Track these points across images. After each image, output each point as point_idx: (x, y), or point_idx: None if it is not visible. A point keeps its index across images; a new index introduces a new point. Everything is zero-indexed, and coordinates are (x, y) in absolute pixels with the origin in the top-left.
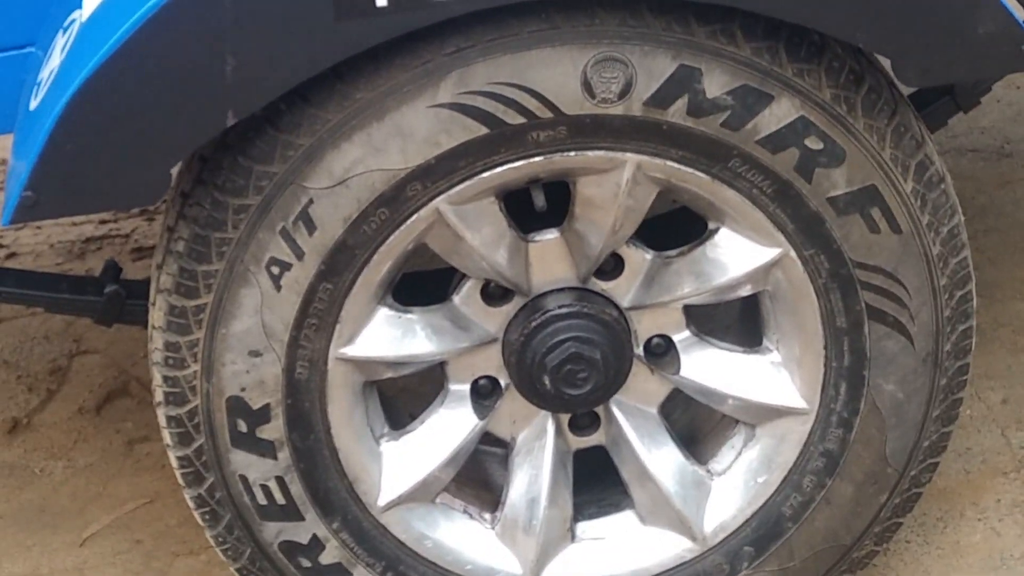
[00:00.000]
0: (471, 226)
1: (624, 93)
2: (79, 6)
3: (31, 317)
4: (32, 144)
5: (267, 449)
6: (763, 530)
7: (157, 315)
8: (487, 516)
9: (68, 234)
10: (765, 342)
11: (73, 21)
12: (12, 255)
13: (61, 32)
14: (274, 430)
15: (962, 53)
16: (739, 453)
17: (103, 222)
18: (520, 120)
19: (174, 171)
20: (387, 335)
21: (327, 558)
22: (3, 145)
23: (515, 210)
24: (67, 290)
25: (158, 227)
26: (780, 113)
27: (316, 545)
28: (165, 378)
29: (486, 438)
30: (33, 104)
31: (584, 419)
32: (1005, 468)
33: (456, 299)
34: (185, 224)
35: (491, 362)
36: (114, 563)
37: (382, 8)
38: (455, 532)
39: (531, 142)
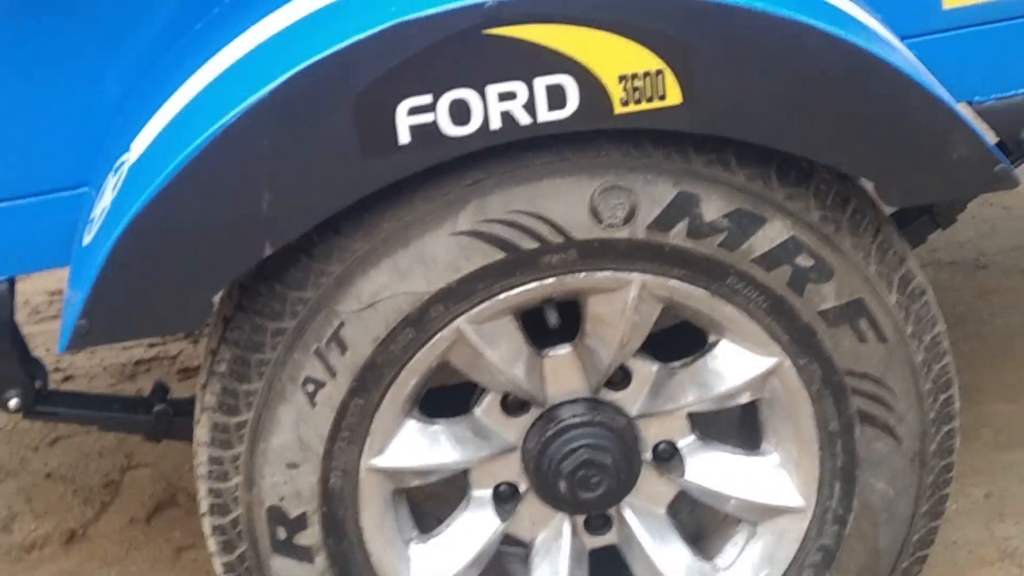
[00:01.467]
0: (490, 343)
1: (629, 218)
2: (127, 149)
3: (86, 435)
4: (86, 277)
5: (305, 555)
6: None
7: (201, 431)
8: None
9: (119, 357)
10: (764, 445)
11: (122, 163)
12: (68, 378)
13: (112, 173)
14: (311, 536)
15: (939, 176)
16: (742, 549)
17: (152, 345)
18: (534, 245)
19: (216, 299)
20: (414, 445)
21: None
22: (59, 276)
23: (530, 327)
24: (119, 409)
25: (202, 350)
26: (773, 234)
27: None
28: (210, 490)
29: (507, 539)
30: (87, 240)
31: (598, 520)
32: (990, 559)
33: (477, 411)
34: (227, 347)
35: (511, 469)
36: None
37: (405, 146)
38: None
39: (544, 265)
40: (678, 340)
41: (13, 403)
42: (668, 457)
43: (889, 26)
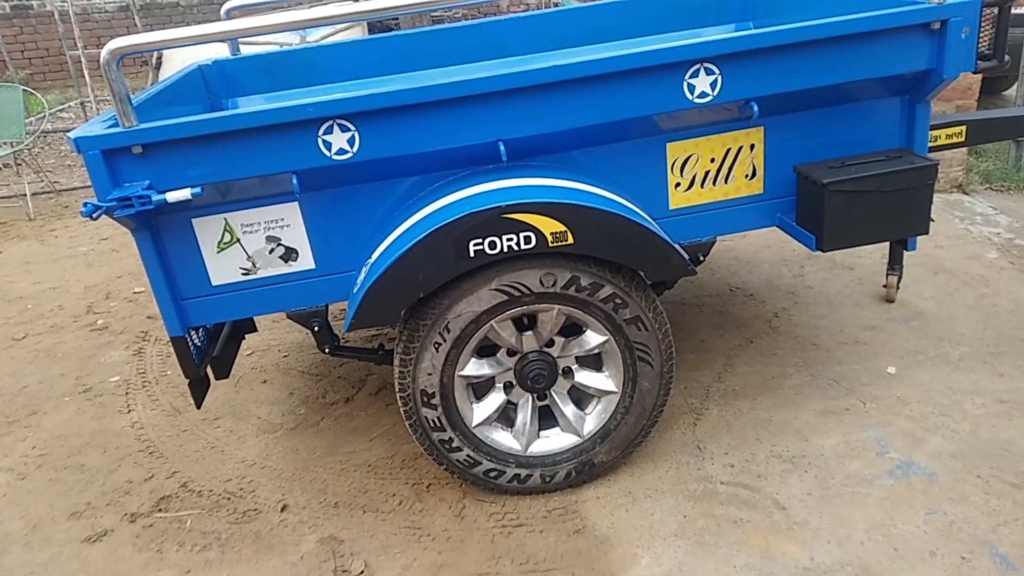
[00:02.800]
0: (503, 330)
1: (553, 284)
2: (371, 255)
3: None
4: (351, 308)
5: (433, 406)
6: (603, 431)
7: (397, 361)
8: (508, 428)
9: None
10: (603, 368)
11: (369, 262)
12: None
13: (364, 266)
14: (436, 399)
15: (666, 271)
16: (595, 407)
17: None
18: (517, 294)
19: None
20: (475, 366)
21: None
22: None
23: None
24: (366, 353)
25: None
26: (605, 291)
27: None
28: (399, 383)
29: (508, 404)
30: (355, 290)
31: (542, 395)
32: (678, 412)
33: (498, 355)
34: (406, 330)
35: (510, 376)
36: None
37: (471, 257)
38: (501, 434)
39: (521, 302)
40: (570, 328)
41: (327, 350)
42: (567, 372)
43: (650, 214)
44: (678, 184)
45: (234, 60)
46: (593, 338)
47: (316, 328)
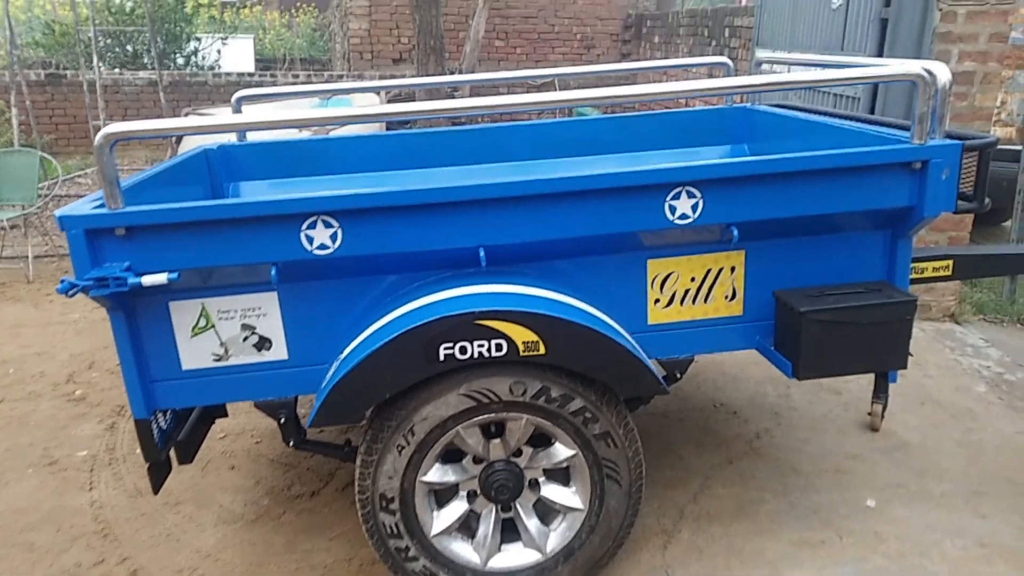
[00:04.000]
0: (469, 436)
1: (523, 394)
2: (342, 352)
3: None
4: (316, 403)
5: (391, 512)
6: (567, 550)
7: (360, 461)
8: (469, 539)
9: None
10: (571, 483)
11: (339, 358)
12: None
13: (336, 361)
14: (395, 505)
15: (640, 388)
16: (560, 523)
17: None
18: (486, 401)
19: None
20: (438, 473)
21: None
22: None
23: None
24: (330, 449)
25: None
26: (576, 404)
27: None
28: (359, 485)
29: (471, 513)
30: (323, 384)
31: (506, 507)
32: (652, 532)
33: (463, 461)
34: (371, 431)
35: (474, 484)
36: None
37: (441, 361)
38: (460, 546)
39: (490, 409)
40: (539, 438)
41: (291, 443)
42: (534, 484)
43: (628, 327)
44: (657, 300)
45: (239, 145)
46: (561, 451)
47: (282, 420)
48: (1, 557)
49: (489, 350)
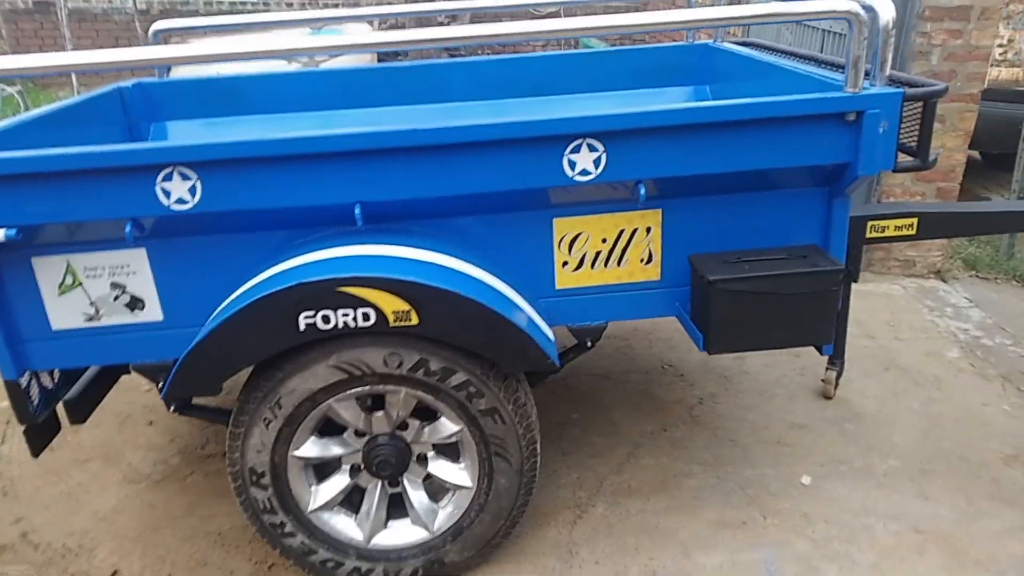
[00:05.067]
0: (345, 410)
1: (399, 366)
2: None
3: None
4: (172, 371)
5: (263, 486)
6: (455, 529)
7: (229, 433)
8: (354, 514)
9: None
10: (460, 459)
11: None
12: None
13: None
14: (266, 479)
15: (527, 363)
16: (449, 500)
17: None
18: (358, 373)
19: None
20: (314, 447)
21: None
22: None
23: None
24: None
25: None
26: (458, 378)
27: None
28: (230, 457)
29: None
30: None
31: (394, 482)
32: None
33: (345, 434)
34: (240, 400)
35: (358, 458)
36: None
37: (303, 331)
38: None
39: (364, 382)
40: (426, 411)
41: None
42: (422, 460)
43: (534, 291)
44: (565, 263)
45: (160, 83)
46: (447, 426)
47: (160, 384)
48: None
49: (355, 319)
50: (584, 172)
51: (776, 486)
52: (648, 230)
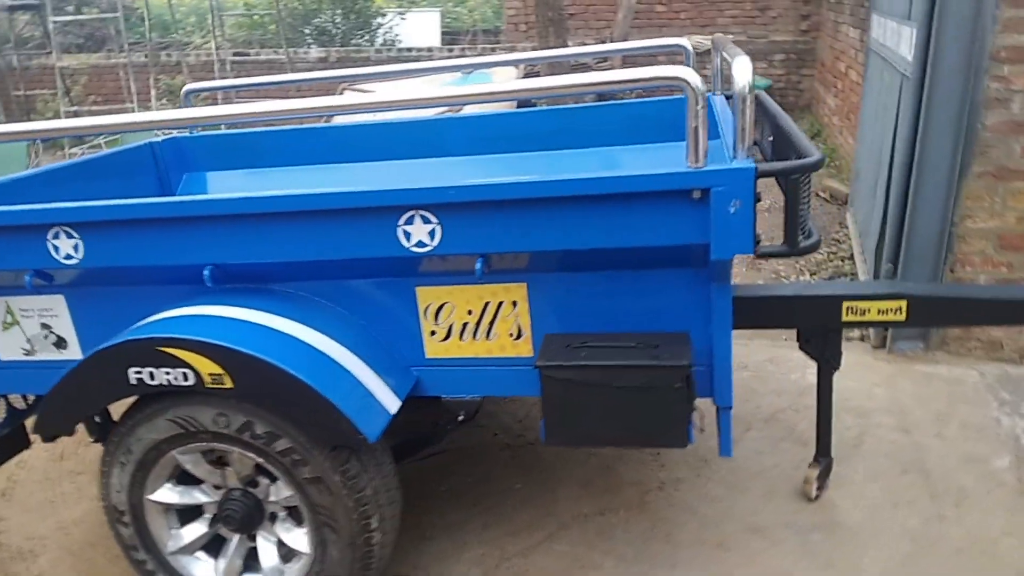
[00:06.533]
0: (191, 463)
1: (227, 426)
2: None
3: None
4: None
5: (124, 523)
6: None
7: (101, 473)
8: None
9: None
10: (303, 524)
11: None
12: None
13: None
14: (127, 518)
15: (338, 436)
16: (296, 563)
17: None
18: (192, 429)
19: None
20: (170, 493)
21: None
22: None
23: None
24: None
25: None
26: (283, 444)
27: None
28: (101, 494)
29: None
30: None
31: (248, 537)
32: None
33: (203, 486)
34: (105, 444)
35: (215, 509)
36: None
37: (133, 386)
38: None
39: (200, 438)
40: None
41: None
42: (274, 518)
43: (402, 359)
44: (433, 332)
45: (190, 137)
46: (283, 489)
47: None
48: None
49: (176, 379)
50: (420, 244)
51: None
52: (514, 304)
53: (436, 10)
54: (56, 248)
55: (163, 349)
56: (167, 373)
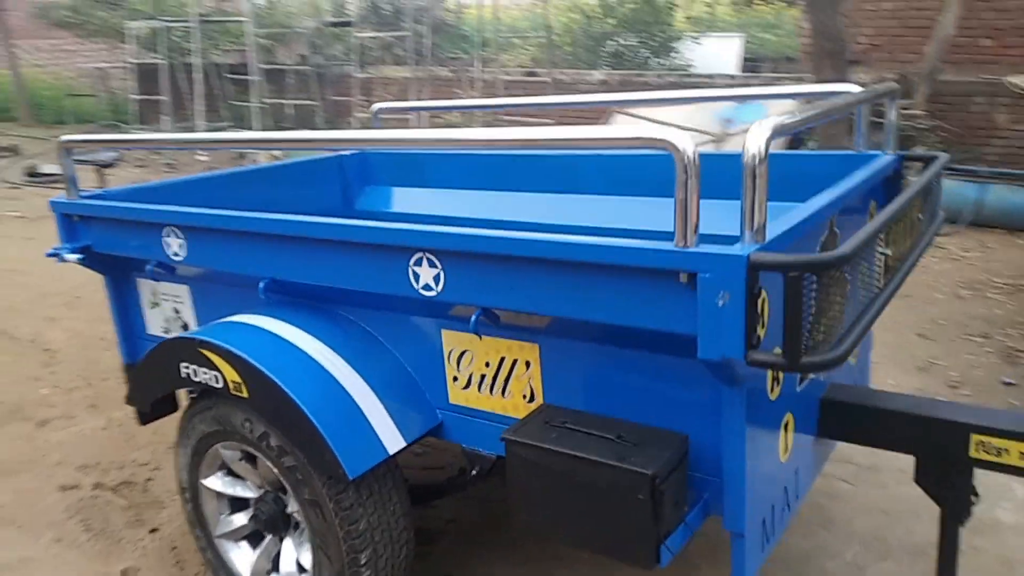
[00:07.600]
0: (230, 460)
1: (252, 432)
2: None
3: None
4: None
5: (187, 499)
6: None
7: (176, 456)
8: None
9: None
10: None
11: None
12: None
13: None
14: (188, 494)
15: (324, 466)
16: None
17: None
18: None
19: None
20: (219, 482)
21: None
22: None
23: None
24: None
25: None
26: (290, 462)
27: None
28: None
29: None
30: None
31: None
32: None
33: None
34: (179, 433)
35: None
36: None
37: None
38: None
39: (238, 438)
40: None
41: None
42: (296, 528)
43: (428, 399)
44: (455, 378)
45: (375, 152)
46: (292, 502)
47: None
48: None
49: (211, 380)
50: (427, 287)
51: None
52: (527, 365)
53: (738, 35)
54: (168, 245)
55: (203, 351)
56: (205, 373)
